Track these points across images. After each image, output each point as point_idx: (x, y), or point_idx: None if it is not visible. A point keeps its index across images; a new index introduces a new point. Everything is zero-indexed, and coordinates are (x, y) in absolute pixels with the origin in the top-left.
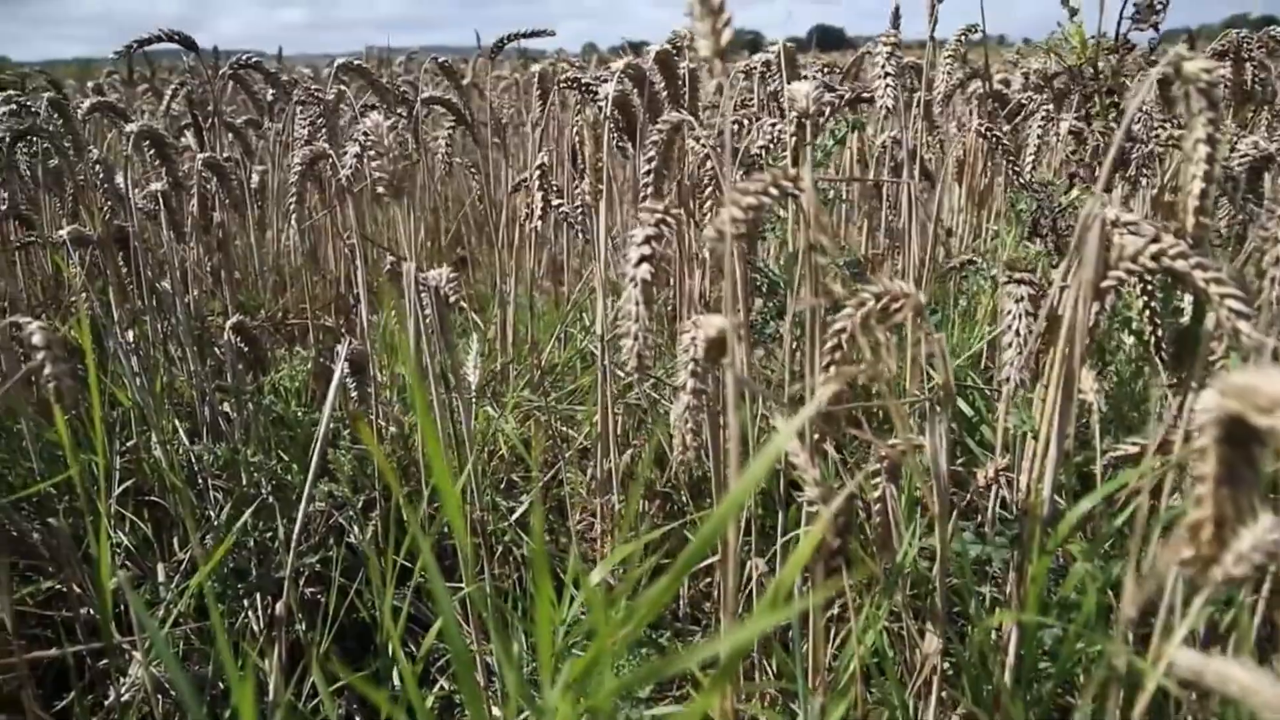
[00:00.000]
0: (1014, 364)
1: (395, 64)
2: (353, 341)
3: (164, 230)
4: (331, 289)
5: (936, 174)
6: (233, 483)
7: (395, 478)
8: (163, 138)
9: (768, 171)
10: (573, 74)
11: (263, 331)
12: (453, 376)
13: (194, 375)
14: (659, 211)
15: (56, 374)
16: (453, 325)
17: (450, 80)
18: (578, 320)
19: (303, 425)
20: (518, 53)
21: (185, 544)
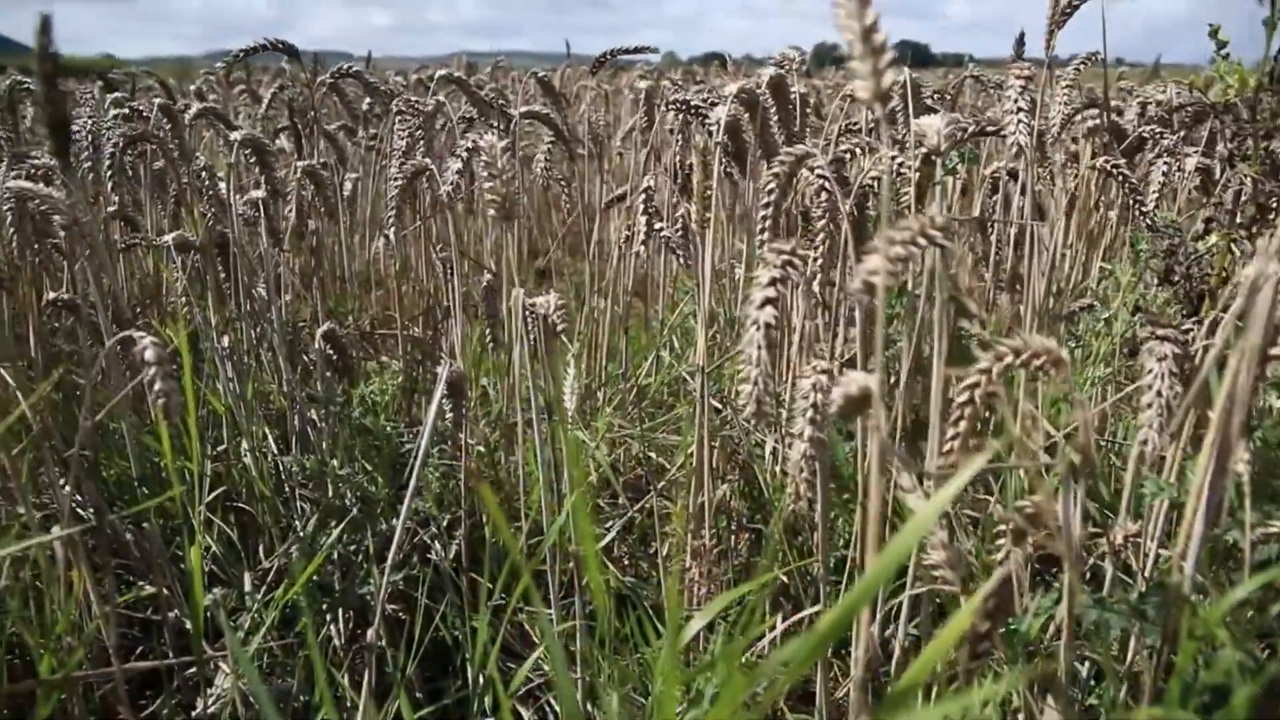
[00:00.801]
0: (1154, 426)
1: (483, 71)
2: (452, 364)
3: (261, 236)
4: (421, 300)
5: (1047, 208)
6: (318, 493)
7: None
8: (265, 146)
9: (913, 218)
10: (682, 95)
11: (351, 340)
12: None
13: (285, 382)
14: (785, 252)
15: (166, 390)
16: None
17: (549, 96)
18: (668, 344)
19: (390, 440)
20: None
21: (271, 552)
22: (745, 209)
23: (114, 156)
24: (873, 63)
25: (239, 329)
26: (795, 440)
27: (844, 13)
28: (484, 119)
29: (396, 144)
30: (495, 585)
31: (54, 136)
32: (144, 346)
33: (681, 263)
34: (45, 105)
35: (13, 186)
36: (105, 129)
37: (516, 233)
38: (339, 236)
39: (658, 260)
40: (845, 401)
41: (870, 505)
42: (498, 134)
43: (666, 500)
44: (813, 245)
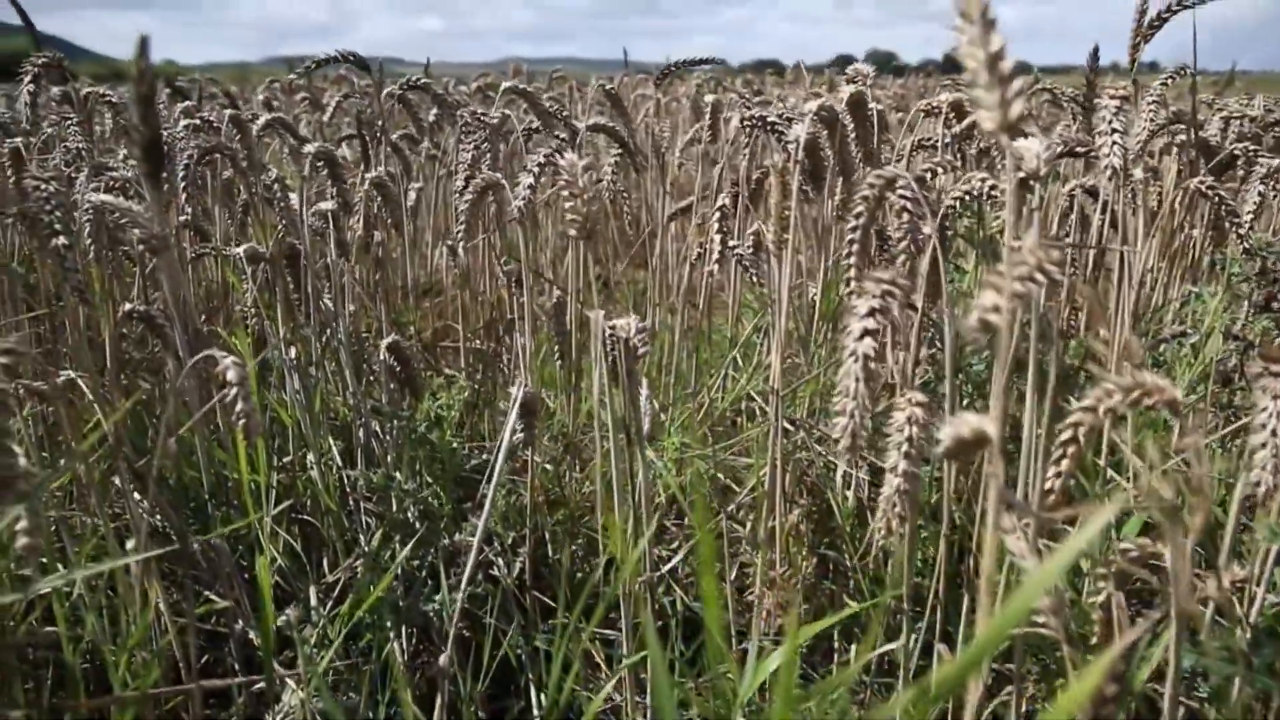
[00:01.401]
0: (1267, 468)
1: (538, 79)
2: (525, 383)
3: (330, 248)
4: (484, 311)
5: (1129, 229)
6: (382, 507)
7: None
8: (336, 159)
9: (1026, 252)
10: (757, 112)
11: (414, 351)
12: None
13: (352, 395)
14: (884, 282)
15: (247, 412)
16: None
17: (615, 107)
18: (734, 361)
19: (455, 455)
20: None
21: (335, 565)
22: (820, 227)
23: (188, 168)
24: (1000, 92)
25: (306, 340)
26: (888, 474)
27: (967, 39)
28: (548, 131)
29: (463, 157)
30: (564, 604)
31: (148, 157)
32: (225, 366)
33: (753, 281)
34: (141, 126)
35: (95, 200)
36: (178, 140)
37: (582, 246)
38: (403, 247)
39: (721, 275)
40: (956, 444)
41: (984, 562)
42: (564, 146)
43: (734, 523)
44: (892, 267)
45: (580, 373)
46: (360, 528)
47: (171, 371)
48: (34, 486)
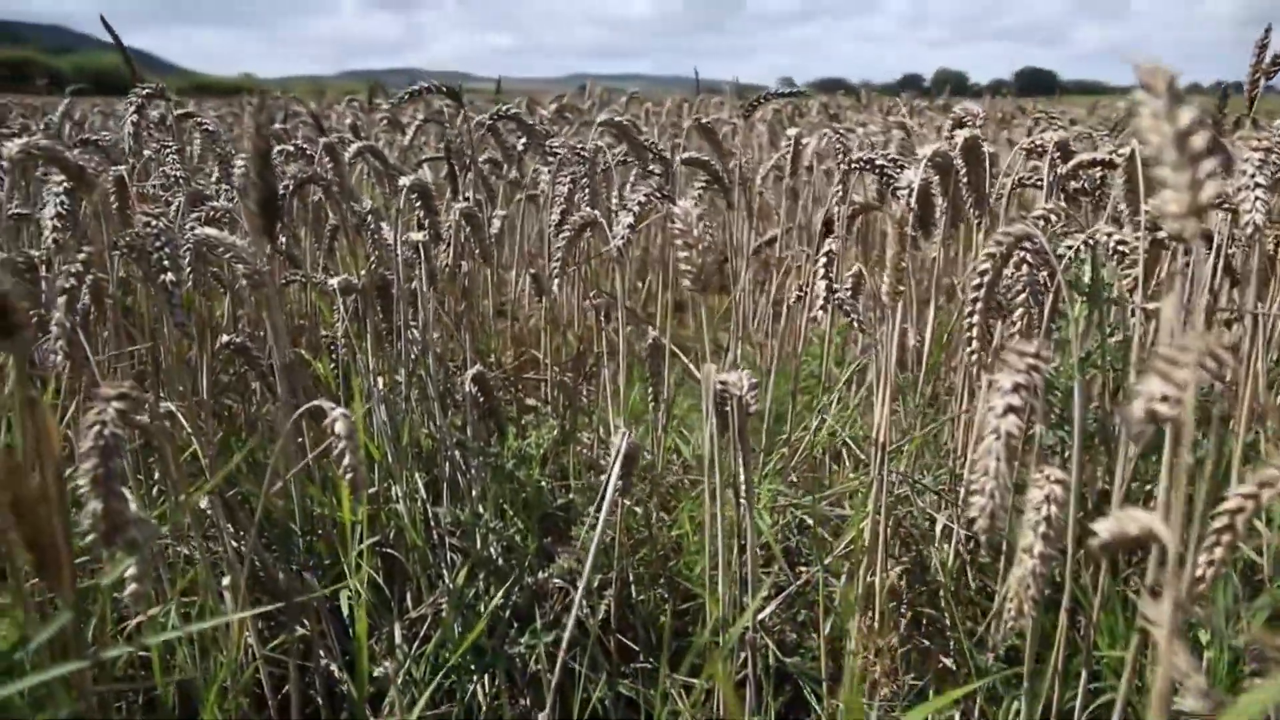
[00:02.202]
0: None
1: (610, 99)
2: (627, 434)
3: (418, 279)
4: (570, 343)
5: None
6: (466, 542)
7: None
8: (429, 190)
9: (1197, 335)
10: (866, 155)
11: (497, 382)
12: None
13: (438, 429)
14: (1030, 355)
15: (354, 466)
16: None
17: (708, 140)
18: (822, 400)
19: (541, 493)
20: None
21: (419, 601)
22: (929, 274)
23: (283, 199)
24: (1190, 173)
25: (395, 372)
26: (1022, 554)
27: (1150, 113)
28: (641, 163)
29: (558, 190)
30: (647, 649)
31: (263, 213)
32: (334, 419)
33: (856, 327)
34: (257, 182)
35: (199, 234)
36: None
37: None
38: (487, 276)
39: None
40: (1116, 540)
41: (1158, 681)
42: (662, 184)
43: (830, 574)
44: (1008, 321)
45: (670, 412)
46: (444, 563)
47: (267, 402)
48: (146, 538)
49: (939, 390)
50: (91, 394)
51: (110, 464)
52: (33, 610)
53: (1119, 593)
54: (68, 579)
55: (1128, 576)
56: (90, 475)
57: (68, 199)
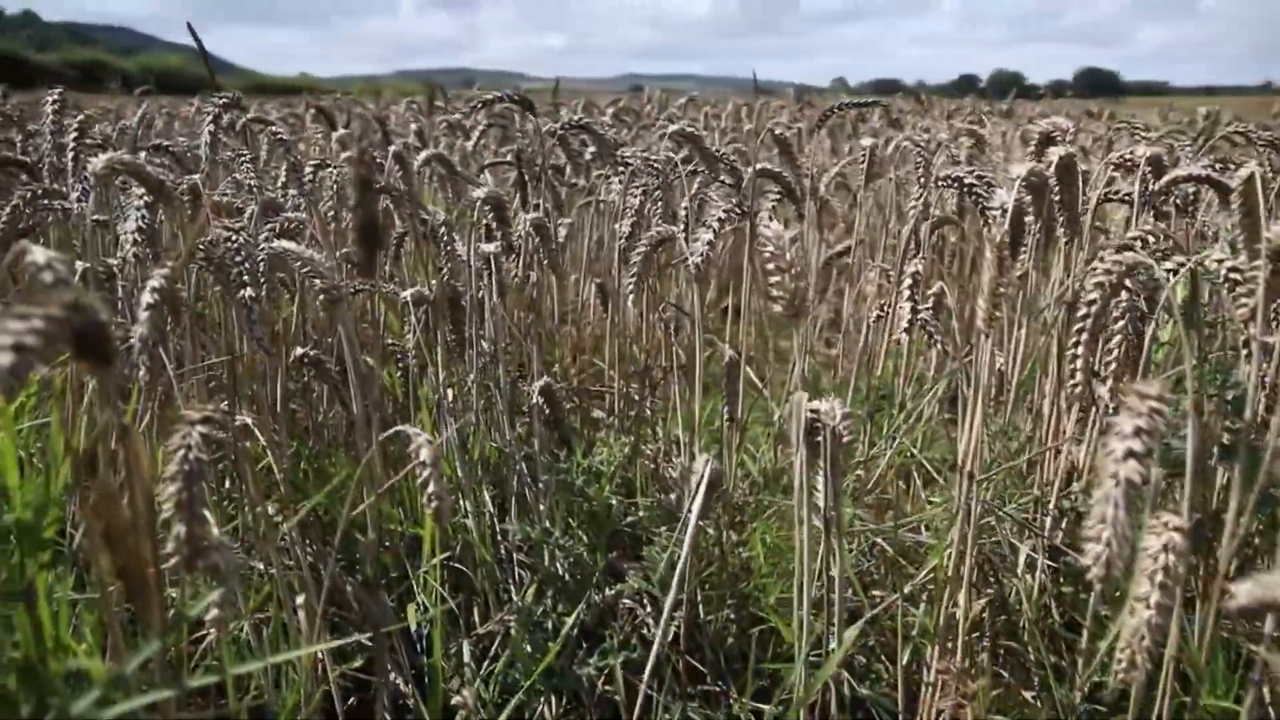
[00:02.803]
0: None
1: (654, 99)
2: (710, 460)
3: (488, 290)
4: (640, 356)
5: None
6: (534, 558)
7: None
8: (504, 202)
9: None
10: (953, 172)
11: (564, 394)
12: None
13: (508, 443)
14: (1152, 397)
15: (439, 494)
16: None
17: (783, 151)
18: (896, 420)
19: (610, 510)
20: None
21: (486, 617)
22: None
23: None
24: None
25: (464, 385)
26: (1137, 604)
27: None
28: (712, 174)
29: (629, 202)
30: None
31: (363, 241)
32: (418, 445)
33: (941, 350)
34: (358, 210)
35: (277, 247)
36: (344, 177)
37: (747, 295)
38: (552, 284)
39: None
40: (1258, 606)
41: None
42: (743, 200)
43: (908, 604)
44: (1105, 348)
45: (744, 431)
46: (513, 580)
47: (333, 406)
48: (228, 565)
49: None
50: (175, 414)
51: (194, 488)
52: (122, 638)
53: (1224, 639)
54: (157, 608)
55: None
56: (174, 499)
57: (148, 212)
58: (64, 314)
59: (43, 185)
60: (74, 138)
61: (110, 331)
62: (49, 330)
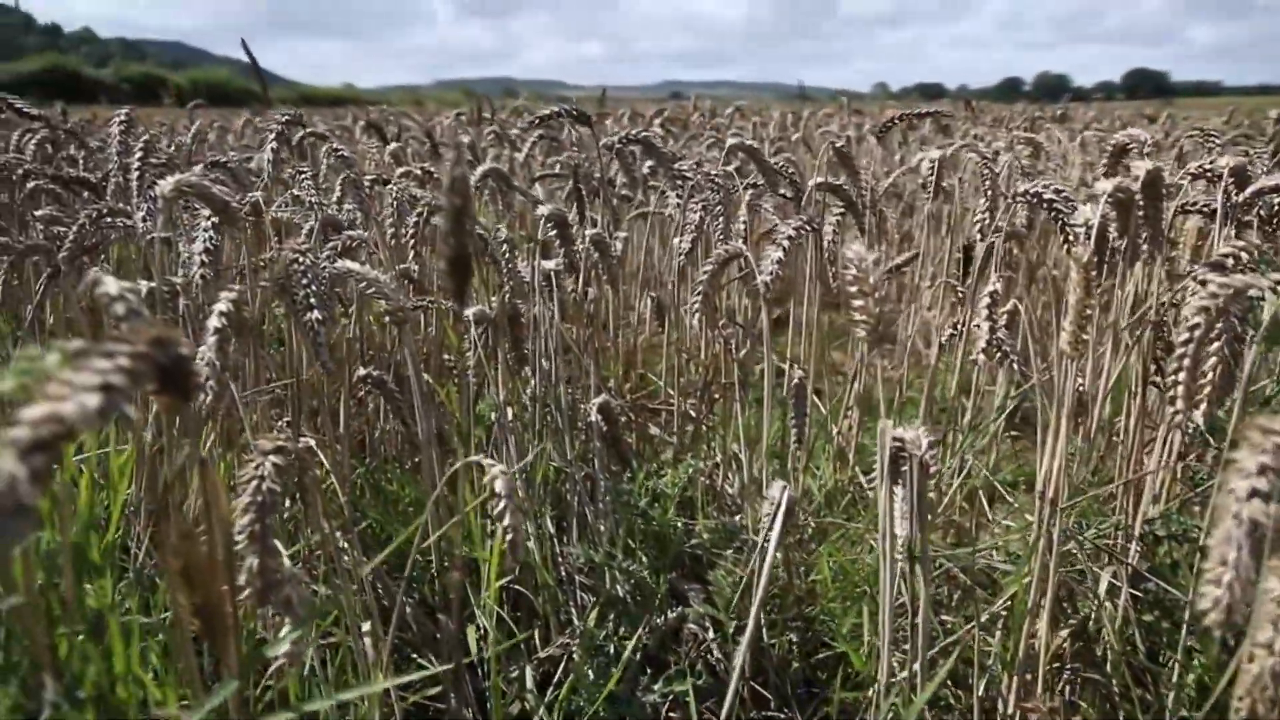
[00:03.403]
0: None
1: (701, 108)
2: (787, 488)
3: (548, 307)
4: (697, 372)
5: None
6: (594, 579)
7: None
8: (567, 220)
9: None
10: (1033, 187)
11: (622, 411)
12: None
13: (569, 462)
14: (1277, 433)
15: (515, 526)
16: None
17: (844, 164)
18: (965, 440)
19: (674, 532)
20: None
21: (547, 640)
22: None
23: (418, 226)
24: None
25: (524, 405)
26: (1257, 649)
27: None
28: (772, 188)
29: (689, 217)
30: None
31: (455, 274)
32: (494, 476)
33: (1017, 372)
34: (450, 241)
35: (341, 268)
36: (399, 190)
37: (810, 315)
38: (611, 302)
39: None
40: None
41: None
42: (812, 219)
43: (985, 633)
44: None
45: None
46: (574, 602)
47: (389, 421)
48: (304, 604)
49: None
50: (241, 436)
51: (267, 520)
52: (198, 677)
53: None
54: (235, 648)
55: None
56: (247, 531)
57: (214, 233)
58: (149, 350)
59: (108, 204)
60: (139, 157)
61: (193, 366)
62: (135, 368)
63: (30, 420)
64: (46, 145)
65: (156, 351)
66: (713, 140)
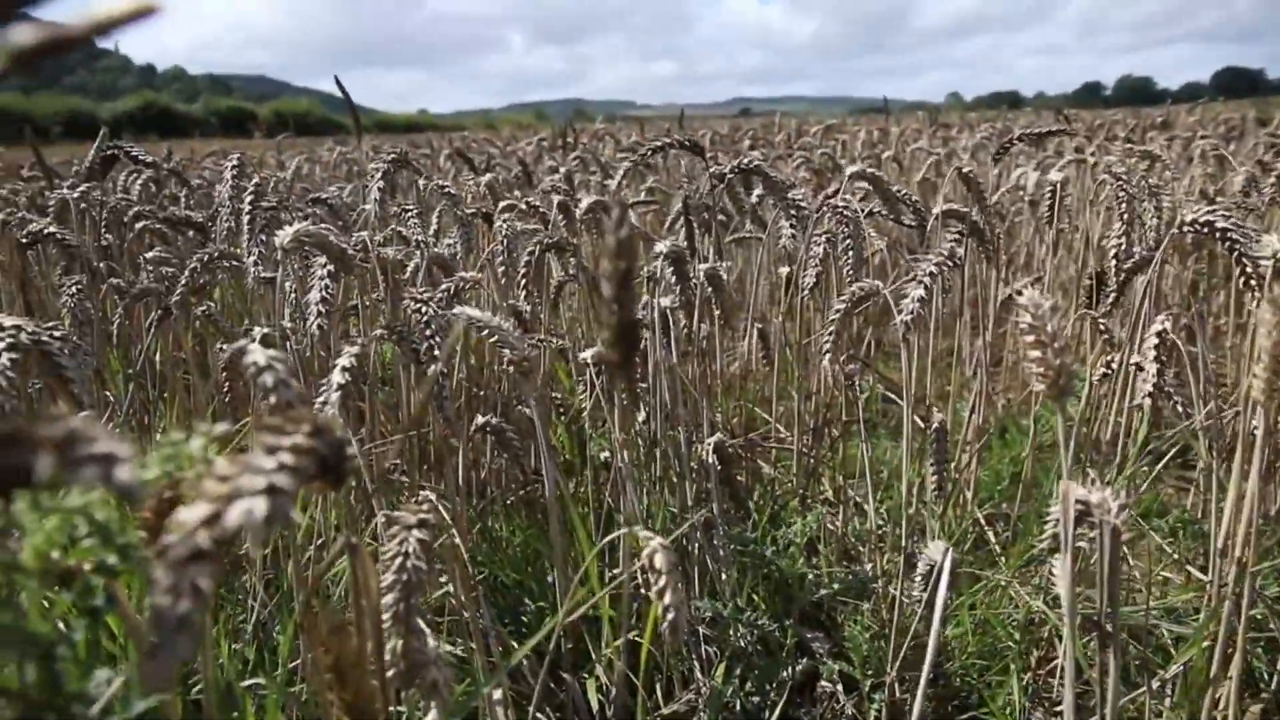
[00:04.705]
0: None
1: (789, 128)
2: (949, 549)
3: (666, 346)
4: (809, 408)
5: None
6: (716, 629)
7: None
8: (684, 256)
9: None
10: (1202, 215)
11: (737, 450)
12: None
13: (688, 507)
14: None
15: (675, 605)
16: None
17: (970, 189)
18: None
19: (805, 584)
20: (869, 105)
21: (669, 696)
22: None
23: (529, 264)
24: None
25: (643, 447)
26: None
27: None
28: (894, 216)
29: (813, 250)
30: None
31: (620, 346)
32: (653, 551)
33: (1178, 411)
34: (615, 308)
35: (463, 315)
36: (509, 228)
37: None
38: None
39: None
40: None
41: None
42: (952, 254)
43: (1155, 699)
44: None
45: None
46: (697, 655)
47: (500, 459)
48: (447, 683)
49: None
50: (390, 516)
51: (412, 600)
52: None
53: None
54: None
55: None
56: (391, 611)
57: (331, 281)
58: (313, 443)
59: (218, 248)
60: (250, 201)
61: (351, 453)
62: (300, 465)
63: (188, 525)
64: (150, 185)
65: (319, 443)
66: (802, 160)
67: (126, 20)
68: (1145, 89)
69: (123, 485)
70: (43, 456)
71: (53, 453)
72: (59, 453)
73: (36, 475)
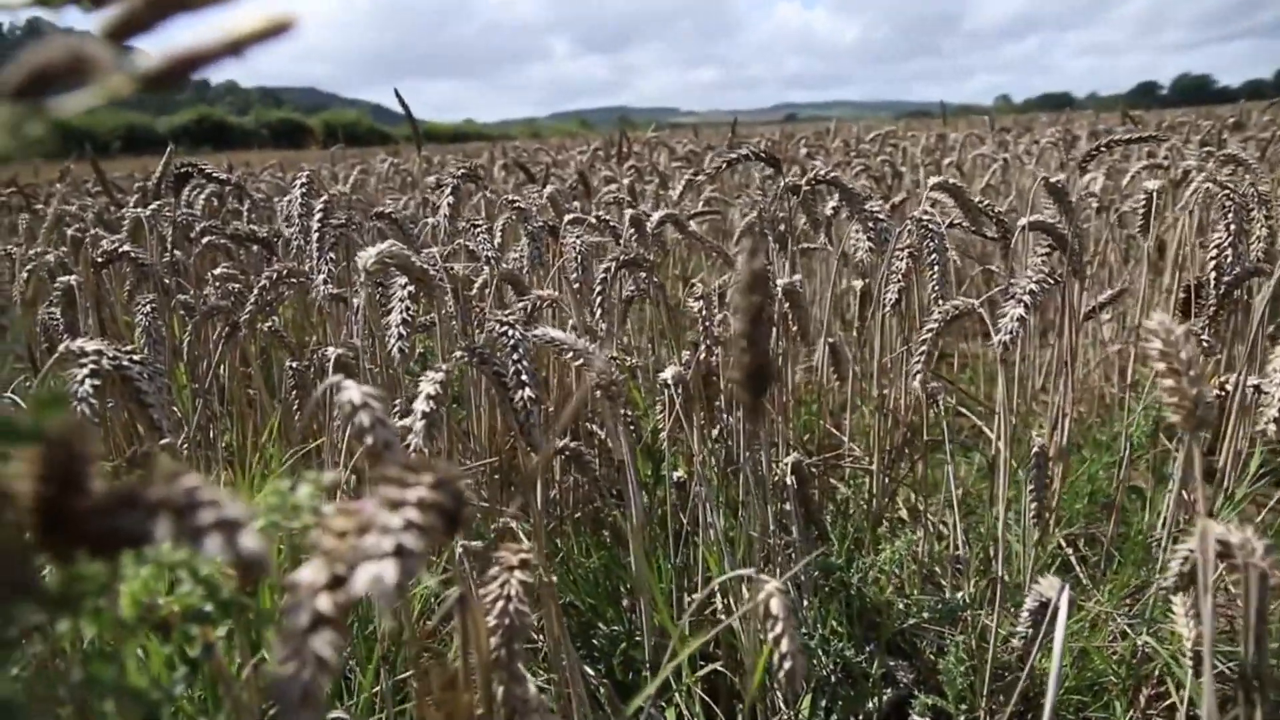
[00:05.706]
0: None
1: (847, 135)
2: (1065, 587)
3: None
4: (887, 426)
5: None
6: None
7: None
8: (766, 274)
9: None
10: None
11: (813, 470)
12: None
13: (770, 531)
14: None
15: (794, 653)
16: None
17: (1057, 200)
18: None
19: (894, 612)
20: (918, 110)
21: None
22: None
23: (604, 283)
24: None
25: (717, 467)
26: None
27: None
28: (975, 229)
29: (896, 265)
30: None
31: (751, 386)
32: (769, 594)
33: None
34: (747, 345)
35: (544, 336)
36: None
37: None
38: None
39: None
40: None
41: None
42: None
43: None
44: None
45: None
46: (778, 684)
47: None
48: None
49: None
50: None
51: (514, 645)
52: None
53: None
54: None
55: None
56: (494, 657)
57: (410, 302)
58: (438, 496)
59: (287, 265)
60: (319, 218)
61: (470, 503)
62: (428, 522)
63: (309, 588)
64: (214, 199)
65: (444, 496)
66: (862, 168)
67: (262, 37)
68: (1204, 87)
69: (250, 555)
70: (161, 521)
71: (172, 518)
72: (178, 518)
73: (153, 540)
